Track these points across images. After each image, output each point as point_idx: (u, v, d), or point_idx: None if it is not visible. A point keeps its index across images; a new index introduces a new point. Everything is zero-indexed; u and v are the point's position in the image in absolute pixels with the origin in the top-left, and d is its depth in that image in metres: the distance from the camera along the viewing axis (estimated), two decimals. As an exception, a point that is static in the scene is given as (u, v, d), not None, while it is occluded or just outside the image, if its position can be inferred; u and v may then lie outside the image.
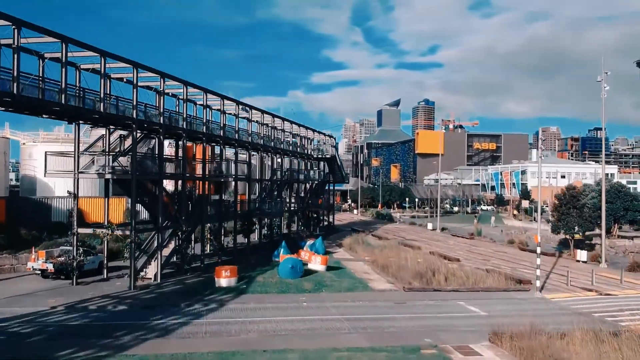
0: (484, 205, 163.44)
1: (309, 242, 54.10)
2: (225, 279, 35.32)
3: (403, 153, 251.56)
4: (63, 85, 28.89)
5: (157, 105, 39.04)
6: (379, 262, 44.94)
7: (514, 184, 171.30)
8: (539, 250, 36.10)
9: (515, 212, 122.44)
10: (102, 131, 39.49)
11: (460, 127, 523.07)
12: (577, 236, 53.65)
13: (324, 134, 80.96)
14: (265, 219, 60.74)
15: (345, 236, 71.61)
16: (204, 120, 44.56)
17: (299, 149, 68.59)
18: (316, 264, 41.56)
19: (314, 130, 75.52)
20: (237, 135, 50.20)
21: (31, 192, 63.97)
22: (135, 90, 35.13)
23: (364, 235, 73.36)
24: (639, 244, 59.79)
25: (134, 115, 34.97)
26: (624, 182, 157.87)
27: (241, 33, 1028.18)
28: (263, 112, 57.31)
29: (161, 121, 38.02)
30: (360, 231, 78.09)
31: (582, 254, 49.09)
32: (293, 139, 68.28)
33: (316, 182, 72.75)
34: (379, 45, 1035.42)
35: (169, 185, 48.34)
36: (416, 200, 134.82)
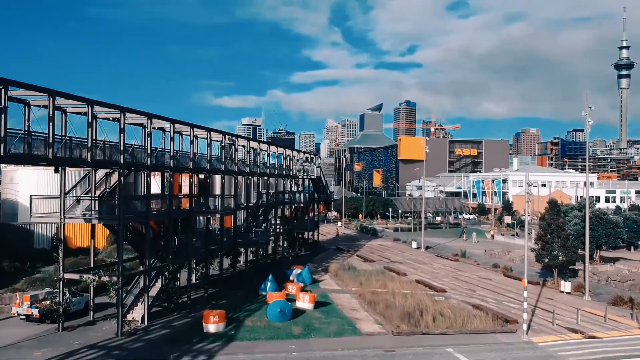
0: (467, 213, 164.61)
1: (296, 270, 54.11)
2: (213, 324, 35.10)
3: (385, 158, 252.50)
4: (50, 140, 28.50)
5: (144, 144, 38.83)
6: (366, 297, 45.03)
7: (495, 192, 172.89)
8: (525, 294, 36.45)
9: (496, 227, 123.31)
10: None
11: (442, 128, 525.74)
12: (560, 258, 54.02)
13: (309, 154, 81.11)
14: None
15: (331, 257, 71.86)
16: (191, 155, 44.25)
17: (284, 170, 68.49)
18: (304, 302, 41.52)
19: (299, 151, 75.61)
20: (223, 166, 50.03)
21: (13, 217, 62.99)
22: (122, 134, 34.75)
23: (348, 255, 73.63)
24: (620, 268, 60.72)
25: (121, 160, 34.61)
26: (603, 191, 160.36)
27: (221, 32, 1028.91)
28: (249, 139, 57.30)
29: (148, 162, 37.71)
30: (345, 250, 78.24)
31: (565, 285, 49.67)
32: (279, 161, 68.21)
33: (302, 204, 72.69)
34: (358, 45, 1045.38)
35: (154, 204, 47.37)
36: (399, 211, 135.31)
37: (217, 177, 53.47)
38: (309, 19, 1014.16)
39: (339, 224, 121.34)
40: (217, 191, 51.31)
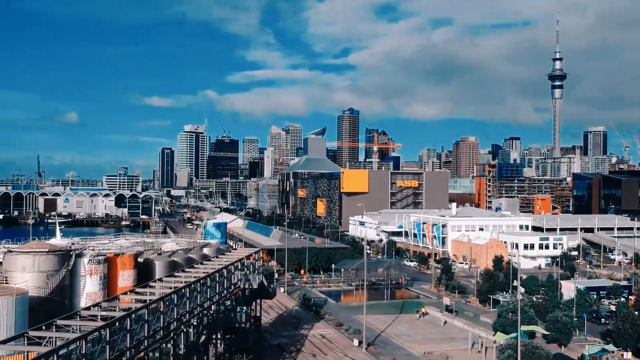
0: (408, 260, 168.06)
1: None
2: None
3: (329, 189, 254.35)
4: None
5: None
6: None
7: (435, 236, 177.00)
8: None
9: (435, 289, 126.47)
10: None
11: (384, 133, 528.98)
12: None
13: (252, 254, 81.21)
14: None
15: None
16: (127, 325, 43.49)
17: (225, 290, 68.21)
18: None
19: (240, 261, 75.48)
20: (162, 322, 49.58)
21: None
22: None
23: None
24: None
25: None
26: (536, 239, 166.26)
27: (148, 31, 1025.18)
28: (188, 285, 56.85)
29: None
30: (286, 353, 78.64)
31: None
32: (219, 279, 67.85)
33: (242, 323, 72.69)
34: (291, 47, 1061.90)
35: None
36: (342, 270, 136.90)
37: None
38: (240, 19, 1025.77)
39: (282, 289, 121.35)
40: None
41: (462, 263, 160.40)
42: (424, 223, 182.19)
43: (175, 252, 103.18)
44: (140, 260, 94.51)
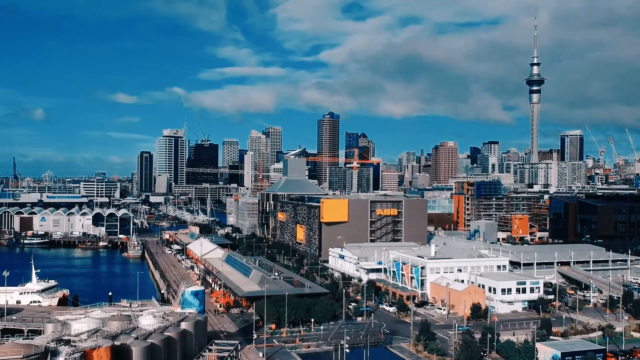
0: (387, 304, 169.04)
1: None
2: None
3: (309, 216, 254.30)
4: None
5: None
6: None
7: (413, 277, 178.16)
8: None
9: (413, 349, 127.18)
10: None
11: (364, 135, 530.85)
12: None
13: (231, 352, 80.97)
14: None
15: None
16: None
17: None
18: None
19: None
20: None
21: None
22: None
23: None
24: None
25: None
26: (513, 284, 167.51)
27: (115, 27, 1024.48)
28: None
29: None
30: None
31: None
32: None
33: None
34: (261, 44, 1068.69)
35: None
36: (321, 328, 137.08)
37: None
38: (206, 15, 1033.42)
39: (260, 354, 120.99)
40: None
41: (441, 309, 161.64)
42: (403, 263, 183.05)
43: (153, 332, 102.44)
44: (117, 343, 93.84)
